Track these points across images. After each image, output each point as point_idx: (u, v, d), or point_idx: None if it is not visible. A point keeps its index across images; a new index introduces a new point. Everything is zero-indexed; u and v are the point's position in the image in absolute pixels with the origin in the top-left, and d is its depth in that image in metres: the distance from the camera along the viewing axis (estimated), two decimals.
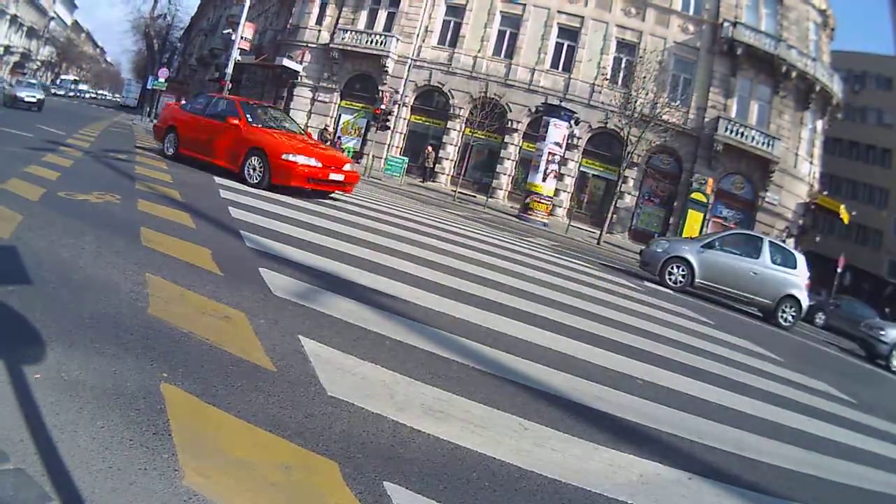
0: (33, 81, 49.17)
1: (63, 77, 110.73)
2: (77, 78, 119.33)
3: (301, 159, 14.83)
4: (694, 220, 37.50)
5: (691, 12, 42.06)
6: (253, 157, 15.02)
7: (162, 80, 51.52)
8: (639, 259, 21.55)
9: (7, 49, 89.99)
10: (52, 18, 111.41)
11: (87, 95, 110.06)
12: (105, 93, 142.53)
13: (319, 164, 15.17)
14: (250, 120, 16.15)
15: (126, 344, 4.49)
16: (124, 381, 3.93)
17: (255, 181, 14.86)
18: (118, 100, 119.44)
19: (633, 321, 10.83)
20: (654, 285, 18.05)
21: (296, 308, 6.26)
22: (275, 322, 5.65)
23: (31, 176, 10.61)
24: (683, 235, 34.45)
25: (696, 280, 18.61)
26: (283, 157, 14.72)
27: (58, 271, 5.79)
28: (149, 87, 55.91)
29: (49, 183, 10.25)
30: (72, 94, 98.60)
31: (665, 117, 34.43)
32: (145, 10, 77.87)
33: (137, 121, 47.16)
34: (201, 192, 13.21)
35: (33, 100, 40.69)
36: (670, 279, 18.64)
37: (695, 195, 38.16)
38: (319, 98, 46.01)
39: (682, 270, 18.64)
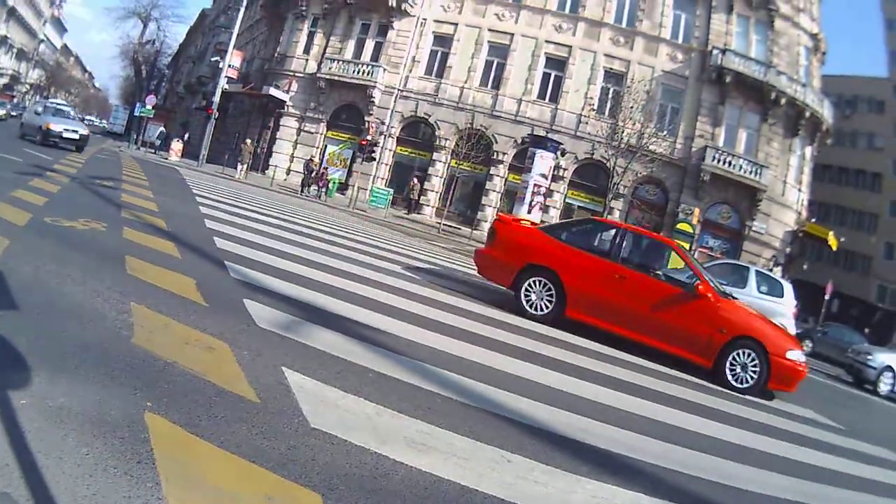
0: (64, 106, 37.08)
1: (51, 101, 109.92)
2: (65, 102, 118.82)
3: (799, 356, 10.95)
4: None
5: (680, 40, 42.09)
6: (741, 351, 10.72)
7: (149, 106, 51.28)
8: None
9: None
10: (42, 41, 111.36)
11: None
12: (93, 118, 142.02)
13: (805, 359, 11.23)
14: (716, 288, 11.50)
15: (111, 372, 4.51)
16: (109, 409, 3.95)
17: (746, 385, 10.70)
18: (105, 126, 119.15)
19: (615, 353, 10.83)
20: None
21: (279, 339, 6.29)
22: (258, 353, 5.67)
23: (19, 201, 10.65)
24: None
25: None
26: (788, 355, 10.71)
27: (44, 298, 5.81)
28: (136, 113, 55.35)
29: (36, 208, 10.29)
30: None
31: (652, 147, 34.57)
32: (134, 35, 77.94)
33: (124, 148, 46.99)
34: (187, 221, 13.24)
35: (74, 136, 29.53)
36: None
37: (681, 225, 38.16)
38: (306, 128, 45.84)
39: None
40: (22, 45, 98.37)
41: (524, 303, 11.57)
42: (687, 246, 37.16)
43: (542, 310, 11.45)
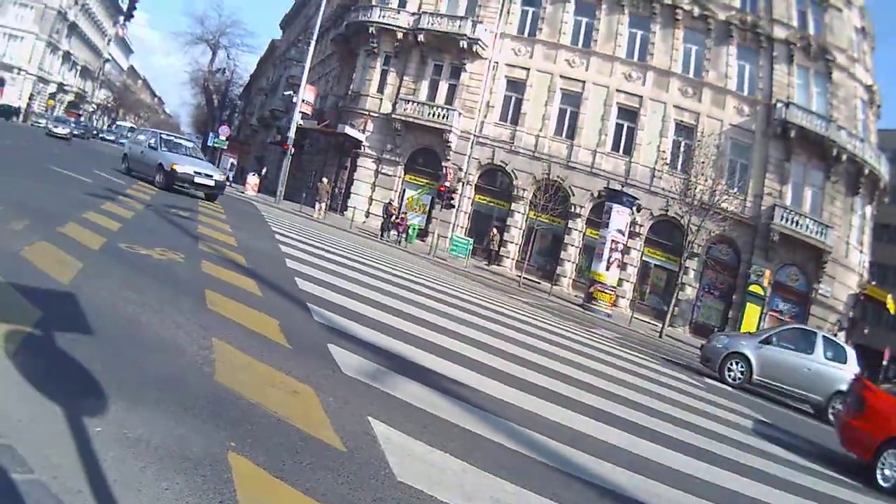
0: (184, 140, 30.23)
1: (119, 123, 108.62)
2: (134, 126, 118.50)
3: None
4: (752, 313, 36.87)
5: (745, 92, 41.47)
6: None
7: (223, 138, 51.82)
8: (700, 354, 21.17)
9: (61, 87, 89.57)
10: (108, 61, 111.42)
11: None
12: None
13: None
14: None
15: (192, 408, 4.41)
16: (190, 445, 3.85)
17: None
18: None
19: (697, 420, 10.53)
20: (714, 382, 17.79)
21: (365, 388, 6.17)
22: (345, 401, 5.56)
23: (91, 223, 10.73)
24: (742, 329, 33.86)
25: (754, 377, 18.17)
26: None
27: (119, 325, 5.78)
28: (209, 143, 55.49)
29: (109, 233, 10.35)
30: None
31: (724, 205, 33.82)
32: (204, 62, 78.14)
33: None
34: (267, 258, 13.24)
35: (208, 183, 23.22)
36: (729, 375, 18.23)
37: (752, 287, 37.54)
38: (383, 170, 45.17)
39: (741, 367, 18.27)
40: (86, 62, 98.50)
41: (879, 477, 10.75)
42: (759, 309, 36.61)
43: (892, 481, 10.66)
